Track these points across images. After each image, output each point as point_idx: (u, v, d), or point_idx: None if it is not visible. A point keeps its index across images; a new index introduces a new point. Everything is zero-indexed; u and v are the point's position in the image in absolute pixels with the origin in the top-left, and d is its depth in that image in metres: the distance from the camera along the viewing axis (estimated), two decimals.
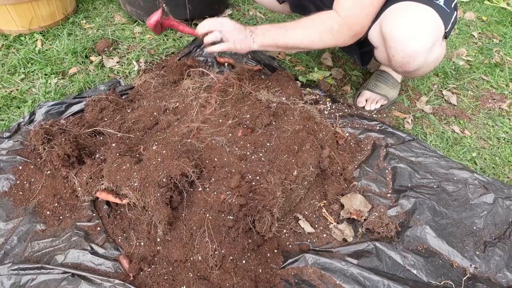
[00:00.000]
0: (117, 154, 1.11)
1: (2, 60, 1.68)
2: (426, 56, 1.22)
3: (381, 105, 1.61)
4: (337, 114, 1.56)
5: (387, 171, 1.36)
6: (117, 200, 1.10)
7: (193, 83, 1.41)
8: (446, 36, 1.26)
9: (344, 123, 1.52)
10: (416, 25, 1.17)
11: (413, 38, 1.17)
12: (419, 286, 1.05)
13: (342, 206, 1.23)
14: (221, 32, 1.21)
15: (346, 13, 1.19)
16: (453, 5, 1.26)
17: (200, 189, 1.08)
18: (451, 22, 1.25)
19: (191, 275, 1.02)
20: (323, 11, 1.24)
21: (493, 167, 1.43)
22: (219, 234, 1.04)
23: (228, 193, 1.05)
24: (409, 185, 1.31)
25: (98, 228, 1.13)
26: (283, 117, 1.26)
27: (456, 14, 1.28)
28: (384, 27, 1.21)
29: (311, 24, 1.22)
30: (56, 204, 1.17)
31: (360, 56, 1.48)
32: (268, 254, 1.09)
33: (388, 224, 1.16)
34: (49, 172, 1.22)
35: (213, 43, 1.23)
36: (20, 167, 1.25)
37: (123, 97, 1.50)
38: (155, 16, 1.25)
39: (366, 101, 1.62)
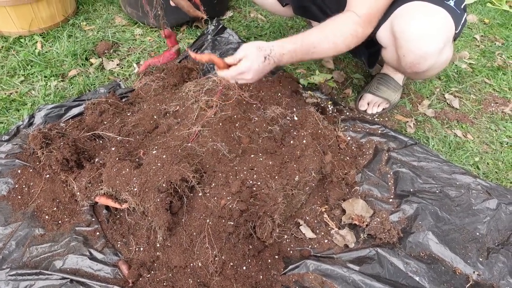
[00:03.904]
0: (117, 159, 1.09)
1: (1, 62, 1.67)
2: (437, 57, 1.21)
3: (383, 109, 1.60)
4: (339, 117, 1.55)
5: (389, 175, 1.35)
6: (117, 205, 1.09)
7: (194, 85, 1.40)
8: (455, 38, 1.26)
9: (346, 127, 1.51)
10: (429, 25, 1.15)
11: (426, 38, 1.16)
12: None
13: (343, 211, 1.22)
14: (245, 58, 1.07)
15: (366, 11, 1.16)
16: (462, 7, 1.25)
17: (200, 194, 1.07)
18: (461, 24, 1.24)
19: (191, 281, 1.01)
20: (341, 16, 1.19)
21: (496, 172, 1.42)
22: (219, 240, 1.03)
23: (228, 198, 1.04)
24: (411, 190, 1.30)
25: (97, 233, 1.12)
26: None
27: (466, 16, 1.27)
28: (396, 26, 1.19)
29: (338, 34, 1.17)
30: (55, 209, 1.16)
31: (367, 57, 1.47)
32: (269, 260, 1.08)
33: (390, 230, 1.15)
34: (48, 176, 1.21)
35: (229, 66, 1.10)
36: (19, 171, 1.24)
37: (123, 100, 1.49)
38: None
39: (368, 104, 1.60)
